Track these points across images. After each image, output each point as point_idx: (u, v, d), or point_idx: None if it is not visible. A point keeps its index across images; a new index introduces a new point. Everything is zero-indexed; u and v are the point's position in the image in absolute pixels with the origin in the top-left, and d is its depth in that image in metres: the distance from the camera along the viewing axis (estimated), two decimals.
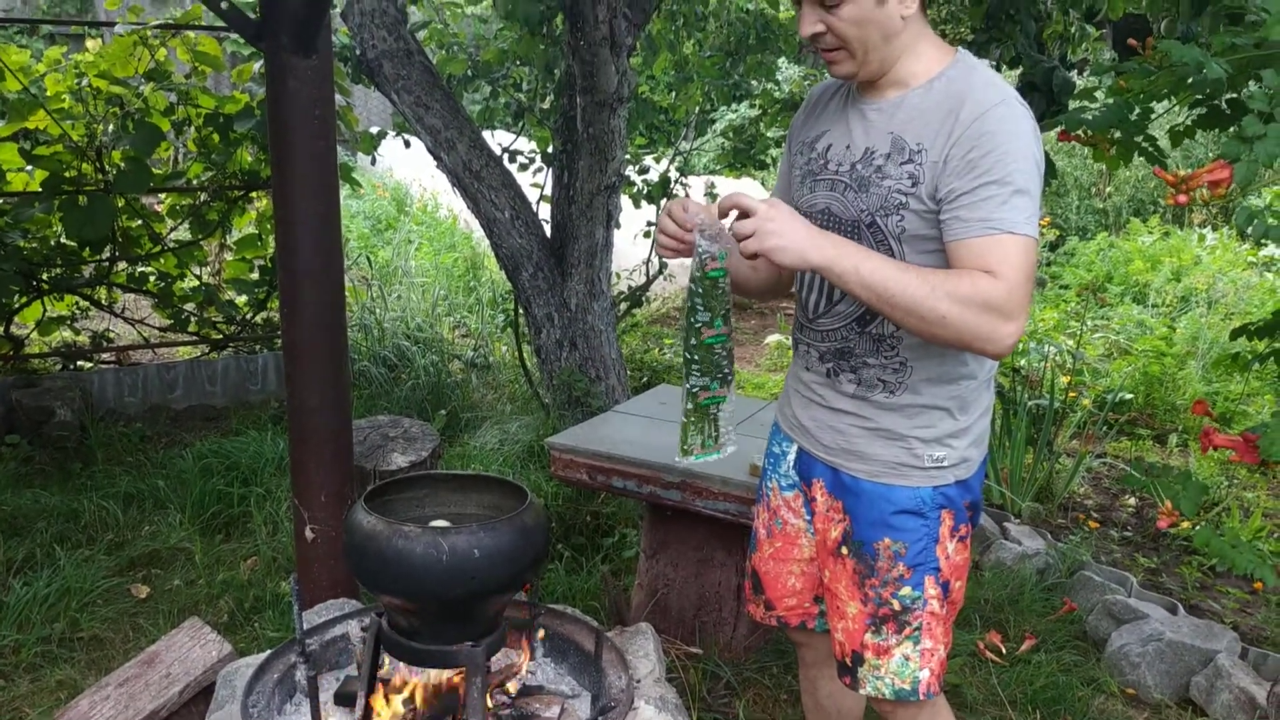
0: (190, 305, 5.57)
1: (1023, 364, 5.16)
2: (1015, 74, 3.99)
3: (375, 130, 5.57)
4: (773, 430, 2.13)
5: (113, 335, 5.80)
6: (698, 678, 2.93)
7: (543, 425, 4.60)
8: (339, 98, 4.35)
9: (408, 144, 5.26)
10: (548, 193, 4.97)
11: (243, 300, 5.74)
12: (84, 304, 5.49)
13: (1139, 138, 2.49)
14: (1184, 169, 8.38)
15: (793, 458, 2.03)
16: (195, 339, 5.65)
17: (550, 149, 4.94)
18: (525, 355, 5.24)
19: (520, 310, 4.90)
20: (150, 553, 3.75)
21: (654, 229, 1.83)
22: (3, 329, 5.18)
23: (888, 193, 1.72)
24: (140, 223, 5.26)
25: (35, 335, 5.32)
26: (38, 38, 11.42)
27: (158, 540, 3.81)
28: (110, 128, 4.88)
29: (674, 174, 5.91)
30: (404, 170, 10.42)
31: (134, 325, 5.70)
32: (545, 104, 5.37)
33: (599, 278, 4.64)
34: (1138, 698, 3.09)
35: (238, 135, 5.05)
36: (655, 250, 1.83)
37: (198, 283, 5.64)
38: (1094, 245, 8.71)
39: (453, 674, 1.96)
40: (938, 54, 1.74)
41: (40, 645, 3.11)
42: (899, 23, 1.68)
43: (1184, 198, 2.06)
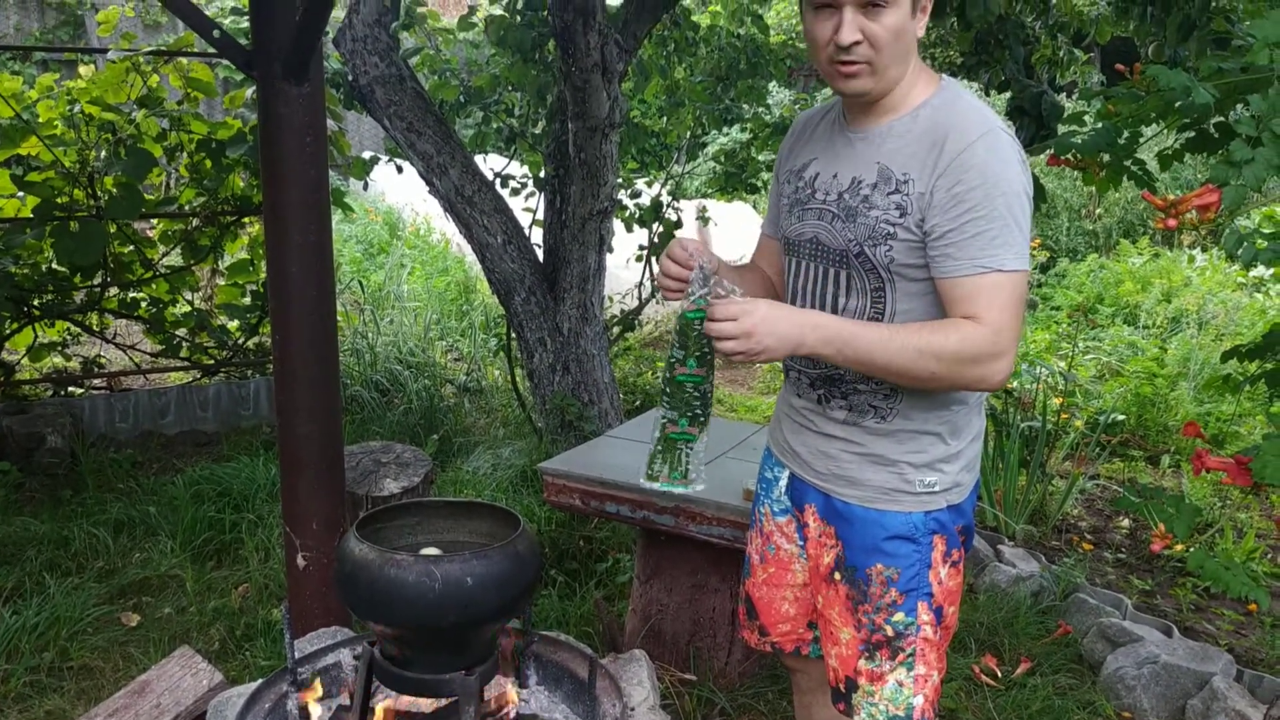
0: (182, 331, 5.57)
1: (1015, 386, 5.16)
2: (1004, 98, 4.02)
3: (368, 155, 5.59)
4: (765, 455, 2.12)
5: (104, 361, 5.78)
6: (692, 705, 2.91)
7: (536, 450, 4.59)
8: (331, 123, 4.36)
9: (400, 169, 5.27)
10: (540, 217, 4.98)
11: (235, 325, 5.74)
12: (75, 330, 5.48)
13: (1128, 161, 2.50)
14: (1173, 191, 8.43)
15: (785, 483, 2.03)
16: (187, 364, 5.64)
17: (542, 174, 4.95)
18: (518, 380, 5.23)
19: (513, 335, 4.90)
20: (141, 580, 3.72)
21: (657, 270, 1.84)
22: None
23: (875, 223, 1.72)
24: (132, 248, 5.26)
25: (26, 361, 5.30)
26: (30, 64, 11.45)
27: (148, 567, 3.79)
28: (102, 154, 4.88)
29: (666, 198, 5.93)
30: (396, 195, 10.44)
31: (125, 351, 5.69)
32: (537, 129, 5.39)
33: (591, 302, 4.64)
34: None
35: (230, 161, 5.06)
36: (659, 293, 1.85)
37: (189, 308, 5.64)
38: (1084, 267, 8.75)
39: (446, 703, 1.95)
40: (926, 82, 1.75)
41: (29, 675, 3.08)
42: (914, 42, 1.70)
43: (1173, 222, 2.06)
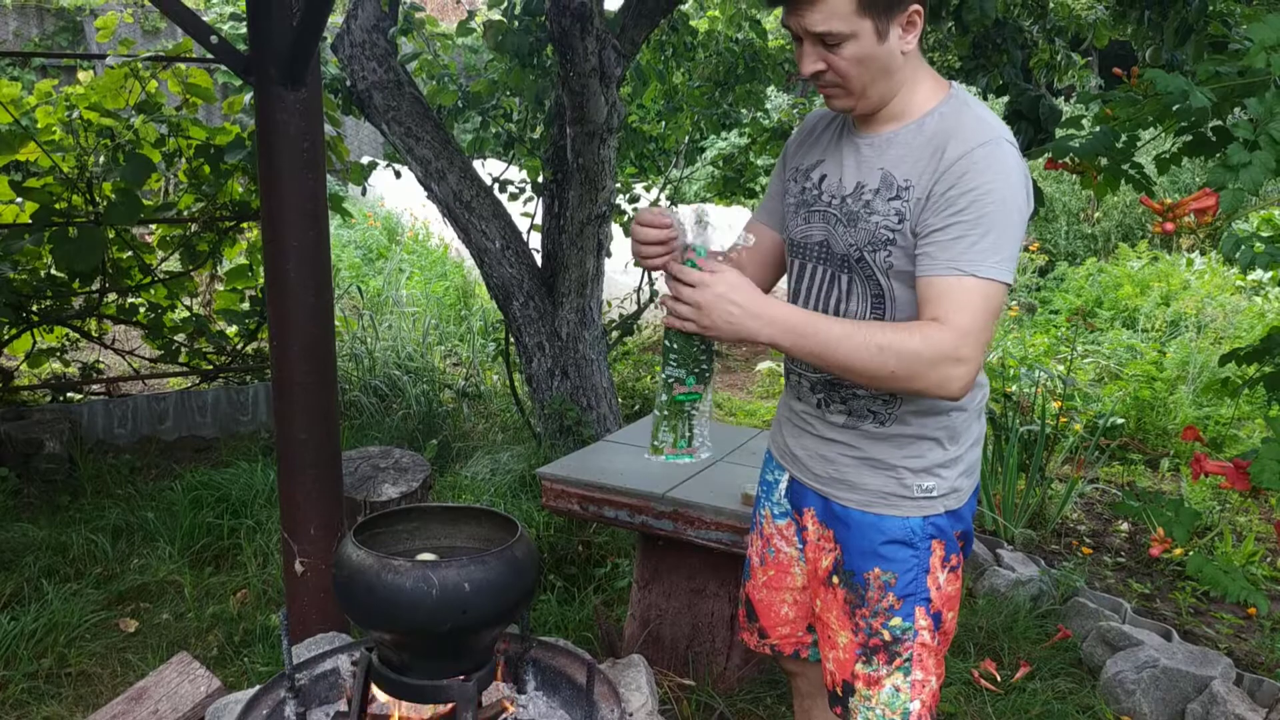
0: (180, 336, 5.56)
1: (1014, 390, 5.16)
2: (1002, 102, 4.02)
3: (366, 161, 5.59)
4: (765, 458, 2.13)
5: (102, 366, 5.78)
6: (691, 709, 2.90)
7: (534, 455, 4.58)
8: (329, 129, 4.36)
9: (398, 174, 5.27)
10: (538, 222, 4.98)
11: (233, 331, 5.73)
12: (74, 335, 5.48)
13: (1126, 165, 2.51)
14: (1171, 195, 8.44)
15: (784, 486, 2.03)
16: (185, 370, 5.63)
17: (540, 179, 4.95)
18: (516, 384, 5.23)
19: (511, 339, 4.90)
20: (139, 586, 3.72)
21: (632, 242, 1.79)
22: None
23: (875, 228, 1.72)
24: (130, 254, 5.25)
25: (25, 367, 5.30)
26: (29, 70, 11.46)
27: (147, 573, 3.78)
28: (101, 159, 4.88)
29: (664, 202, 5.93)
30: (395, 200, 10.45)
31: (124, 356, 5.69)
32: (535, 134, 5.39)
33: (590, 306, 4.64)
34: None
35: (228, 166, 5.06)
36: (639, 263, 1.81)
37: (188, 314, 5.63)
38: (1083, 270, 8.76)
39: (444, 709, 1.94)
40: (933, 88, 1.74)
41: (27, 681, 3.07)
42: (899, 59, 1.67)
43: (1171, 225, 2.07)
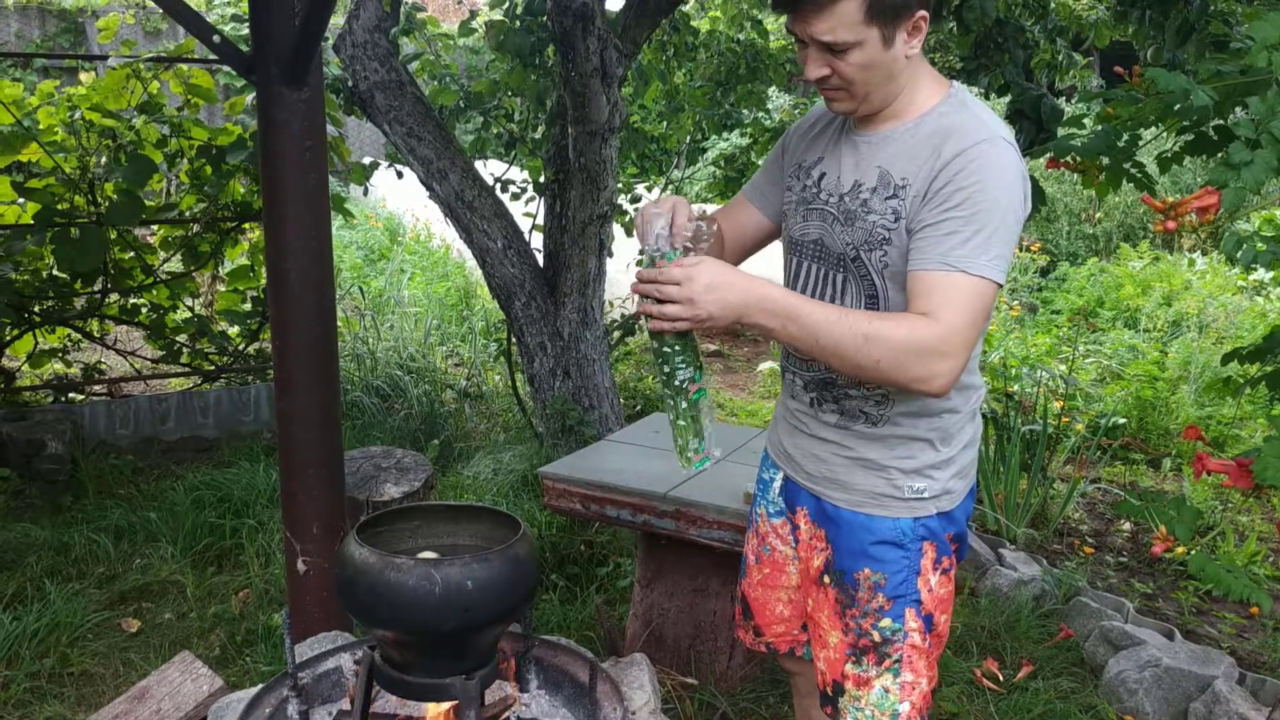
0: (182, 337, 5.56)
1: (1016, 390, 5.16)
2: (1004, 101, 4.02)
3: (368, 161, 5.58)
4: (763, 457, 2.13)
5: (104, 367, 5.78)
6: (693, 709, 2.91)
7: (536, 455, 4.58)
8: (331, 129, 4.36)
9: (400, 174, 5.27)
10: (540, 222, 4.98)
11: (235, 331, 5.73)
12: (76, 336, 5.47)
13: (1127, 164, 2.51)
14: (1172, 194, 8.43)
15: (779, 485, 2.04)
16: (187, 370, 5.64)
17: (542, 179, 4.96)
18: (518, 384, 5.23)
19: (513, 339, 4.90)
20: (141, 586, 3.72)
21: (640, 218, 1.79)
22: None
23: (872, 228, 1.72)
24: (132, 255, 5.26)
25: (27, 368, 5.30)
26: (31, 71, 11.47)
27: (149, 573, 3.79)
28: (103, 160, 4.88)
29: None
30: (396, 200, 10.45)
31: (126, 357, 5.69)
32: (537, 134, 5.39)
33: (592, 306, 4.64)
34: None
35: (230, 167, 5.06)
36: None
37: (190, 314, 5.63)
38: (1084, 270, 8.75)
39: (446, 707, 1.94)
40: (934, 88, 1.74)
41: (29, 681, 3.07)
42: (903, 63, 1.68)
43: (1172, 224, 2.07)
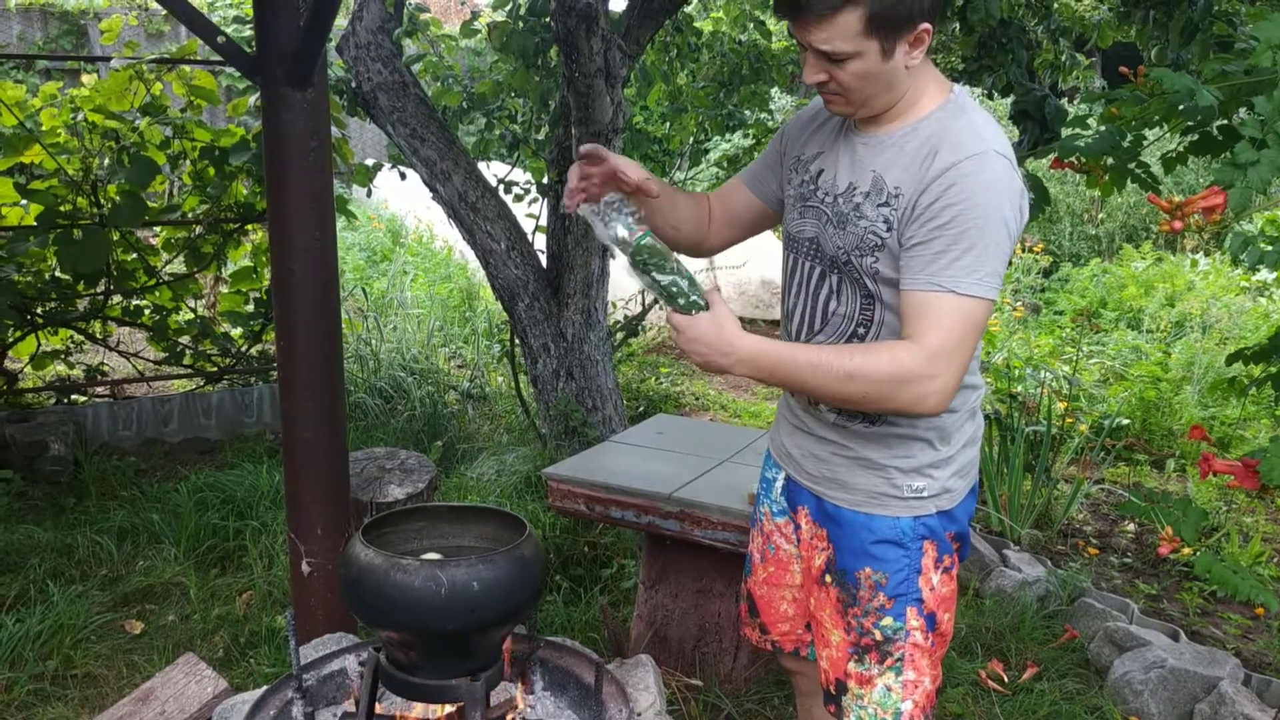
0: (185, 338, 5.56)
1: (1019, 390, 5.16)
2: (1007, 102, 4.02)
3: (370, 162, 5.58)
4: (765, 456, 2.13)
5: (107, 369, 5.78)
6: (698, 710, 2.90)
7: (539, 456, 4.58)
8: (334, 130, 4.36)
9: (403, 176, 5.27)
10: (543, 223, 4.98)
11: (238, 333, 5.74)
12: (78, 338, 5.48)
13: (1132, 164, 2.50)
14: (1175, 195, 8.41)
15: (781, 484, 2.04)
16: (190, 372, 5.64)
17: (545, 180, 4.95)
18: (522, 385, 5.23)
19: (516, 340, 4.89)
20: (145, 588, 3.72)
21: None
22: None
23: (864, 233, 1.72)
24: (135, 256, 5.26)
25: (29, 369, 5.30)
26: (34, 72, 11.48)
27: (152, 575, 3.78)
28: (105, 162, 4.88)
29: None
30: (399, 202, 10.44)
31: (128, 359, 5.69)
32: (540, 135, 5.39)
33: (595, 307, 4.64)
34: None
35: (233, 168, 5.06)
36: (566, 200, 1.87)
37: (193, 315, 5.63)
38: (1087, 271, 8.75)
39: (452, 709, 1.94)
40: (935, 91, 1.73)
41: (33, 683, 3.07)
42: (903, 73, 1.66)
43: (1179, 224, 2.06)
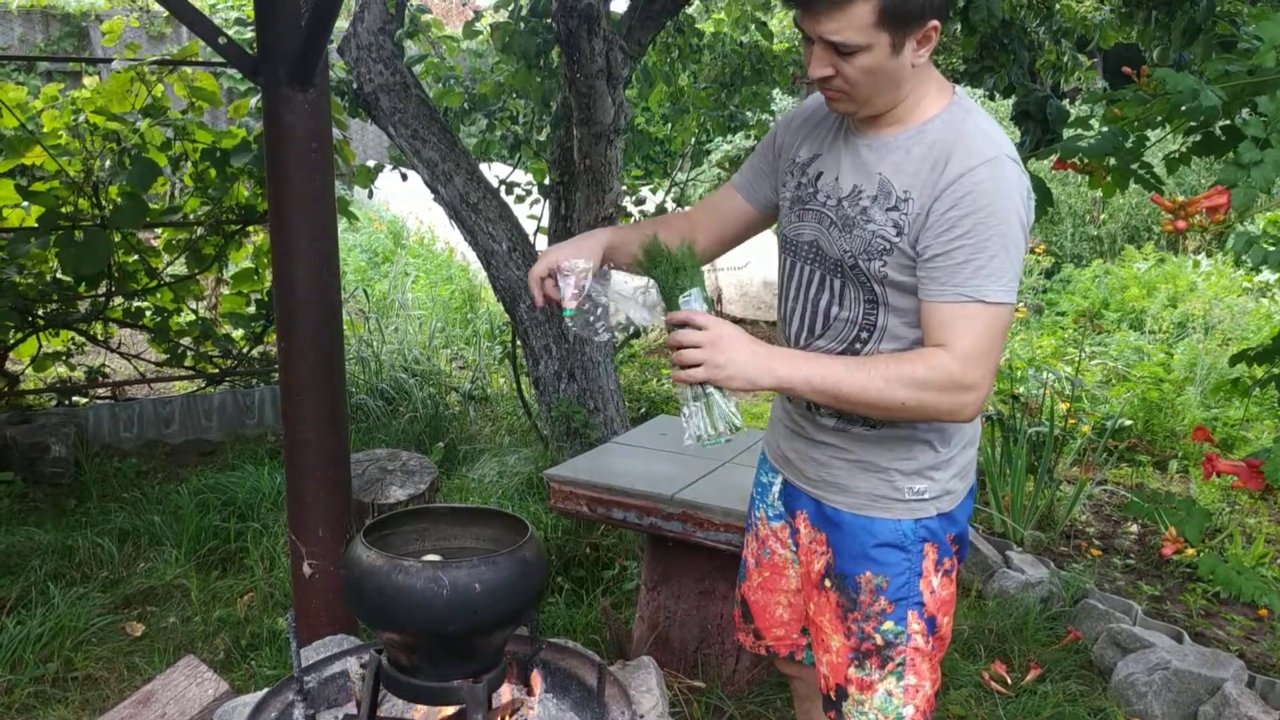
0: (186, 340, 5.56)
1: (1022, 391, 5.15)
2: (1009, 103, 4.01)
3: (372, 164, 5.58)
4: (760, 460, 2.12)
5: (109, 370, 5.78)
6: (701, 712, 2.90)
7: (541, 457, 4.58)
8: (336, 131, 4.36)
9: (404, 177, 5.27)
10: (545, 224, 4.97)
11: (239, 334, 5.74)
12: (80, 339, 5.47)
13: (1134, 165, 2.50)
14: (1177, 195, 8.41)
15: (778, 489, 2.02)
16: (191, 373, 5.63)
17: (547, 181, 4.95)
18: (523, 387, 5.22)
19: (518, 342, 4.89)
20: (146, 590, 3.71)
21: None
22: None
23: (872, 237, 1.70)
24: (136, 258, 5.25)
25: (31, 371, 5.30)
26: (35, 74, 11.49)
27: (153, 577, 3.78)
28: (107, 163, 4.88)
29: (670, 205, 5.92)
30: (400, 203, 10.45)
31: (130, 360, 5.68)
32: (541, 136, 5.39)
33: None
34: None
35: (234, 170, 5.06)
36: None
37: (194, 317, 5.63)
38: (1089, 272, 8.74)
39: (453, 711, 1.93)
40: (937, 94, 1.71)
41: (34, 685, 3.06)
42: (909, 70, 1.65)
43: (1182, 224, 2.06)
